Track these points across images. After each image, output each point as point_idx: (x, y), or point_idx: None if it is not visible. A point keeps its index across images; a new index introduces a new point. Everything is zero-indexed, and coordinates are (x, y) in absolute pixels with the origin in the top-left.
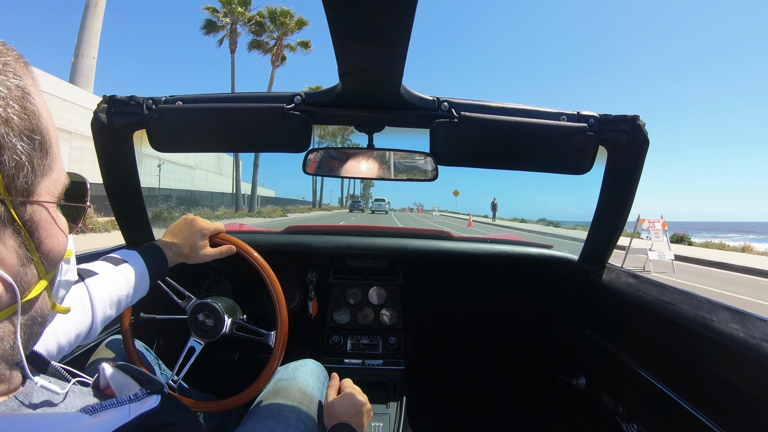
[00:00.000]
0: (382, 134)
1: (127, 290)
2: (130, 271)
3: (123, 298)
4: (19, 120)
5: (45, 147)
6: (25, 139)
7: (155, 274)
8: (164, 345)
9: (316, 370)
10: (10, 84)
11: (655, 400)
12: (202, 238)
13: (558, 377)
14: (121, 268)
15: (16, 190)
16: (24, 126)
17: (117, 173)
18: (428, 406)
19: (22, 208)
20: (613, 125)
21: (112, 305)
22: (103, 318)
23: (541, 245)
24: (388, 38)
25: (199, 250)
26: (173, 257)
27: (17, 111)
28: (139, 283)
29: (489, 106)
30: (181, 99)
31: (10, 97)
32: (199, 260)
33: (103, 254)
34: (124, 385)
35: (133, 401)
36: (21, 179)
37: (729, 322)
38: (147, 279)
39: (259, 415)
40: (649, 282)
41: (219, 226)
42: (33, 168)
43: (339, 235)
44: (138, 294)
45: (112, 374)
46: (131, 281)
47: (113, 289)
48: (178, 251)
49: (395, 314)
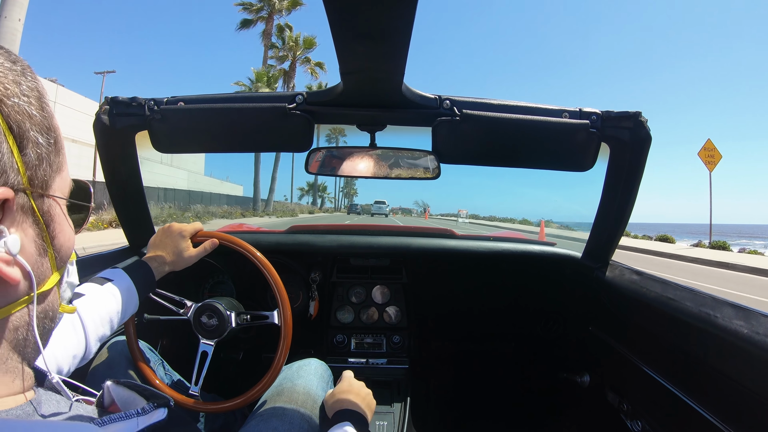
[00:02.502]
0: (383, 133)
1: (116, 307)
2: (117, 289)
3: (113, 315)
4: (40, 117)
5: (58, 146)
6: (44, 135)
7: (143, 288)
8: (168, 346)
9: (320, 369)
10: (31, 85)
11: (660, 396)
12: (183, 240)
13: (562, 375)
14: (107, 287)
15: (37, 182)
16: (43, 123)
17: (119, 174)
18: (433, 404)
19: (41, 200)
20: (615, 122)
21: (104, 324)
22: (96, 338)
23: (545, 243)
24: (389, 37)
25: (183, 252)
26: (159, 267)
27: (38, 109)
28: (128, 300)
29: (491, 103)
30: (182, 99)
31: (32, 96)
32: (187, 263)
33: (104, 256)
34: (130, 401)
35: (141, 414)
36: (41, 172)
37: (733, 318)
38: (135, 294)
39: (263, 415)
40: (652, 279)
41: (197, 225)
42: (50, 163)
43: (342, 234)
44: (129, 310)
45: (116, 391)
46: (119, 298)
47: (103, 309)
48: (162, 260)
49: (399, 313)
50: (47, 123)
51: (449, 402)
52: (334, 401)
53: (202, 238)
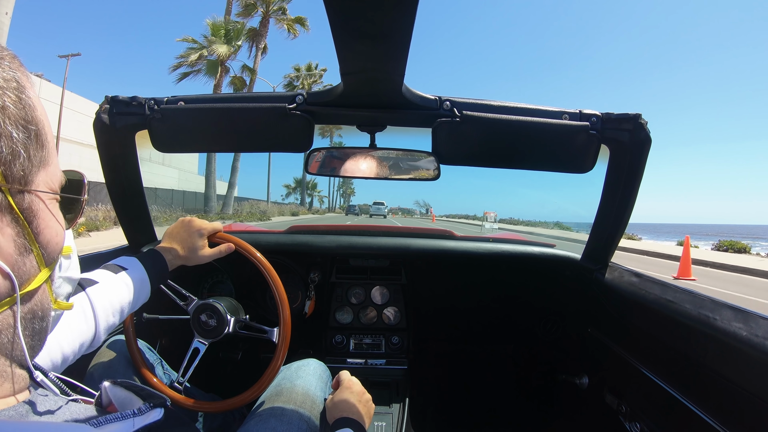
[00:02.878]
0: (383, 134)
1: (129, 297)
2: (130, 278)
3: (125, 305)
4: (15, 109)
5: (41, 139)
6: (20, 128)
7: (156, 279)
8: (167, 345)
9: (319, 369)
10: (6, 75)
11: (658, 399)
12: (200, 238)
13: (561, 376)
14: (121, 276)
15: (13, 177)
16: (20, 115)
17: (120, 174)
18: (431, 405)
19: (20, 196)
20: (615, 124)
21: (115, 313)
22: (106, 326)
23: (544, 244)
24: (390, 38)
25: (198, 250)
26: (173, 260)
27: (13, 100)
28: (141, 289)
29: (491, 105)
30: (183, 99)
31: (6, 87)
32: (199, 261)
33: (104, 255)
34: (127, 401)
35: (137, 415)
36: (17, 167)
37: (732, 320)
38: (148, 284)
39: (261, 415)
40: (651, 281)
41: (217, 225)
42: (29, 157)
43: (341, 234)
44: (140, 300)
45: (113, 391)
46: (132, 288)
47: (114, 297)
48: (176, 254)
49: (398, 314)
50: (26, 114)
51: (448, 403)
52: (334, 406)
53: (219, 240)
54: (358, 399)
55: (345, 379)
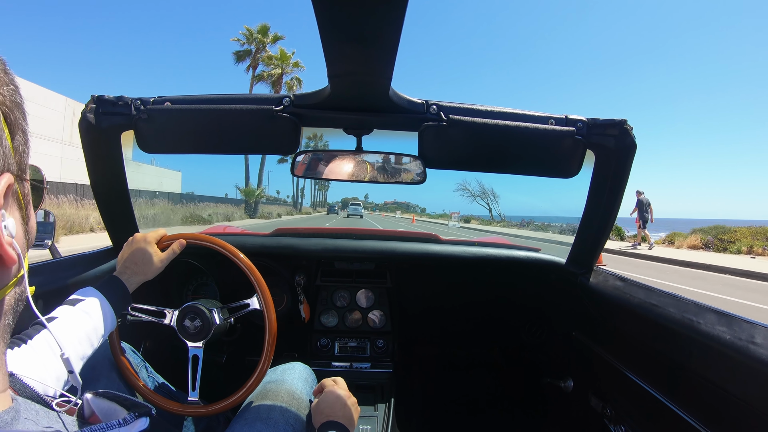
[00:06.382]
0: (370, 137)
1: (92, 324)
2: (89, 306)
3: (90, 333)
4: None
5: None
6: (24, 126)
7: (118, 302)
8: (151, 348)
9: (305, 373)
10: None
11: (643, 402)
12: (148, 246)
13: (546, 380)
14: (79, 307)
15: (21, 168)
16: (22, 115)
17: (104, 174)
18: (416, 408)
19: (22, 185)
20: (601, 129)
21: (82, 342)
22: (77, 356)
23: (529, 248)
24: (378, 41)
25: (152, 258)
26: (130, 279)
27: (21, 98)
28: (105, 315)
29: (477, 109)
30: (169, 100)
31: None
32: (158, 269)
33: (88, 256)
34: (110, 411)
35: (123, 425)
36: (24, 158)
37: (715, 324)
38: (110, 309)
39: (247, 418)
40: (636, 285)
41: (160, 231)
42: (27, 150)
43: (327, 237)
44: (108, 325)
45: (96, 402)
46: (93, 315)
47: (77, 327)
48: (132, 271)
49: (383, 317)
50: (24, 115)
51: (433, 406)
52: (320, 410)
53: (169, 242)
54: (344, 402)
55: (329, 383)
